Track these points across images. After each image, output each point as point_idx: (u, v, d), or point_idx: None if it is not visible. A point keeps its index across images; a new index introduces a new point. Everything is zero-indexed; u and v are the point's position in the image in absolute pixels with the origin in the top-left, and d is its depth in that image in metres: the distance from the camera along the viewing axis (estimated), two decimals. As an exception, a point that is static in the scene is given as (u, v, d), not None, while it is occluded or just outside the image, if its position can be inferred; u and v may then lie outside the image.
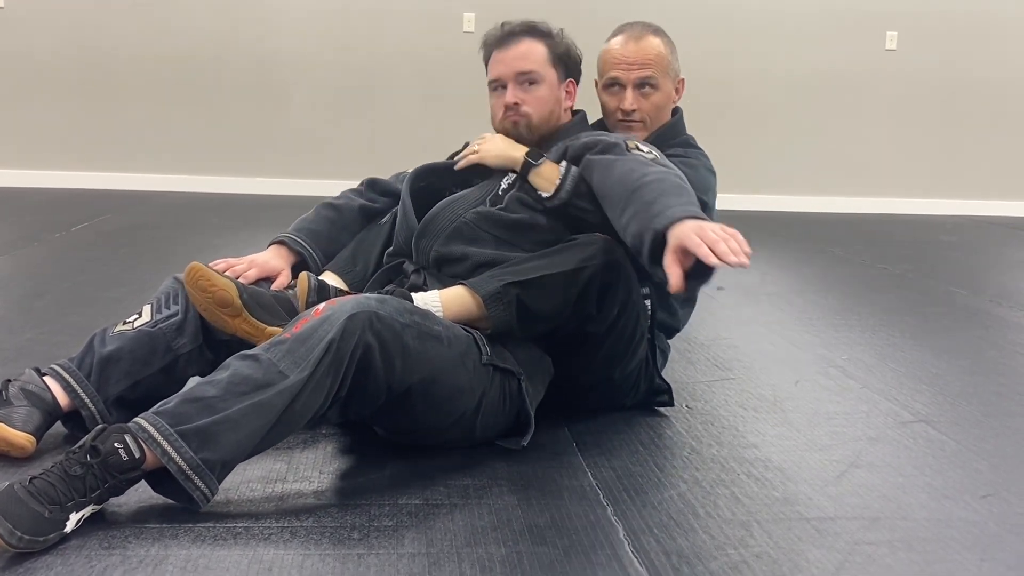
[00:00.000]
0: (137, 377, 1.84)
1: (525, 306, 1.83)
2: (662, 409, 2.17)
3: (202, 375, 1.86)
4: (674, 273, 1.60)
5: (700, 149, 2.27)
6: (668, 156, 2.06)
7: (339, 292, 1.94)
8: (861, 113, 6.58)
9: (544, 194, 1.97)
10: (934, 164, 6.70)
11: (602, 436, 2.02)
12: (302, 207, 2.28)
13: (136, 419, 1.50)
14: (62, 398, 1.80)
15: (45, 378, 1.81)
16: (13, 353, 2.41)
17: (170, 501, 1.55)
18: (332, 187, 6.91)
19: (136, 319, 1.88)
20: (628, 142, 1.96)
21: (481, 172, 2.11)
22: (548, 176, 1.98)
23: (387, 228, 2.22)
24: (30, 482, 1.41)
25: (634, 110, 2.22)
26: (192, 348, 1.89)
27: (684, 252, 1.60)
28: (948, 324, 3.26)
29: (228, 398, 1.50)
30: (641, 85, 2.21)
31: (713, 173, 2.22)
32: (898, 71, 6.56)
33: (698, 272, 1.62)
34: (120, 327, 1.87)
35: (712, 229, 1.59)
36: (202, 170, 6.14)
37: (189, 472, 1.48)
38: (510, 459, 1.85)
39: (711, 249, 1.55)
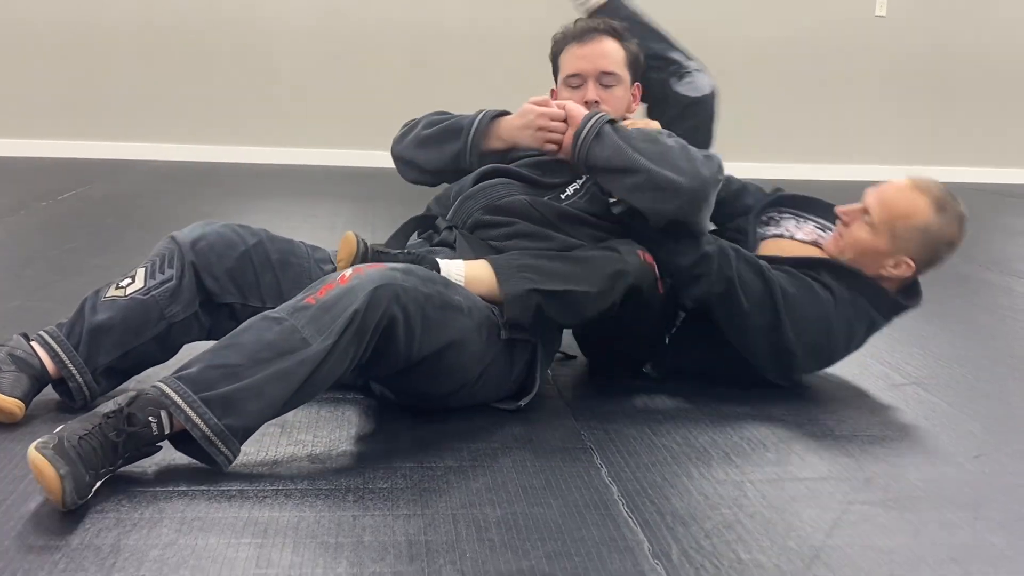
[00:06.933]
0: (128, 347, 1.81)
1: (543, 313, 1.83)
2: (656, 373, 2.17)
3: (197, 341, 1.86)
4: None
5: None
6: None
7: (377, 255, 1.87)
8: (850, 80, 6.55)
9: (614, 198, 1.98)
10: (923, 131, 6.68)
11: (596, 399, 2.02)
12: (289, 176, 2.27)
13: (158, 384, 1.50)
14: (49, 365, 1.77)
15: (32, 344, 1.79)
16: (1, 320, 2.39)
17: (162, 463, 1.56)
18: (318, 155, 6.81)
19: (129, 284, 1.83)
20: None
21: (546, 173, 2.08)
22: None
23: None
24: (79, 441, 1.41)
25: None
26: (186, 316, 1.84)
27: None
28: (939, 289, 3.23)
29: (251, 365, 1.51)
30: None
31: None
32: (888, 37, 6.52)
33: None
34: (112, 291, 1.83)
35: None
36: (189, 139, 6.07)
37: (213, 438, 1.49)
38: (505, 422, 1.85)
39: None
